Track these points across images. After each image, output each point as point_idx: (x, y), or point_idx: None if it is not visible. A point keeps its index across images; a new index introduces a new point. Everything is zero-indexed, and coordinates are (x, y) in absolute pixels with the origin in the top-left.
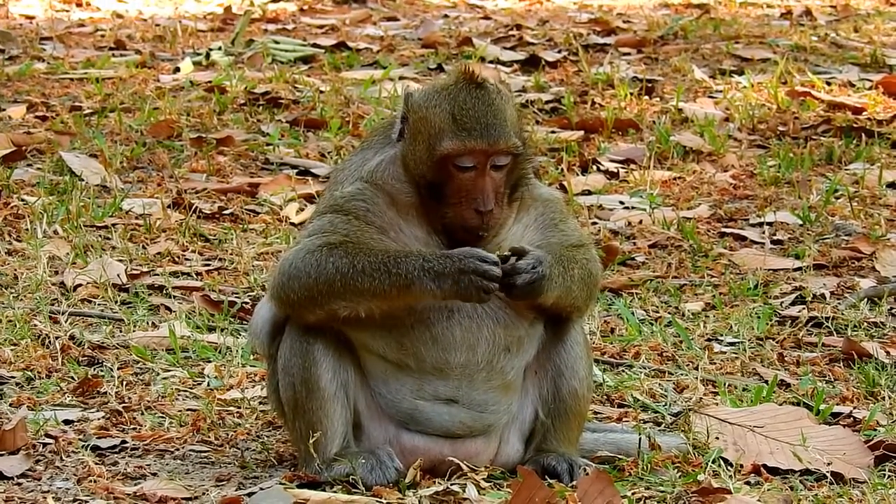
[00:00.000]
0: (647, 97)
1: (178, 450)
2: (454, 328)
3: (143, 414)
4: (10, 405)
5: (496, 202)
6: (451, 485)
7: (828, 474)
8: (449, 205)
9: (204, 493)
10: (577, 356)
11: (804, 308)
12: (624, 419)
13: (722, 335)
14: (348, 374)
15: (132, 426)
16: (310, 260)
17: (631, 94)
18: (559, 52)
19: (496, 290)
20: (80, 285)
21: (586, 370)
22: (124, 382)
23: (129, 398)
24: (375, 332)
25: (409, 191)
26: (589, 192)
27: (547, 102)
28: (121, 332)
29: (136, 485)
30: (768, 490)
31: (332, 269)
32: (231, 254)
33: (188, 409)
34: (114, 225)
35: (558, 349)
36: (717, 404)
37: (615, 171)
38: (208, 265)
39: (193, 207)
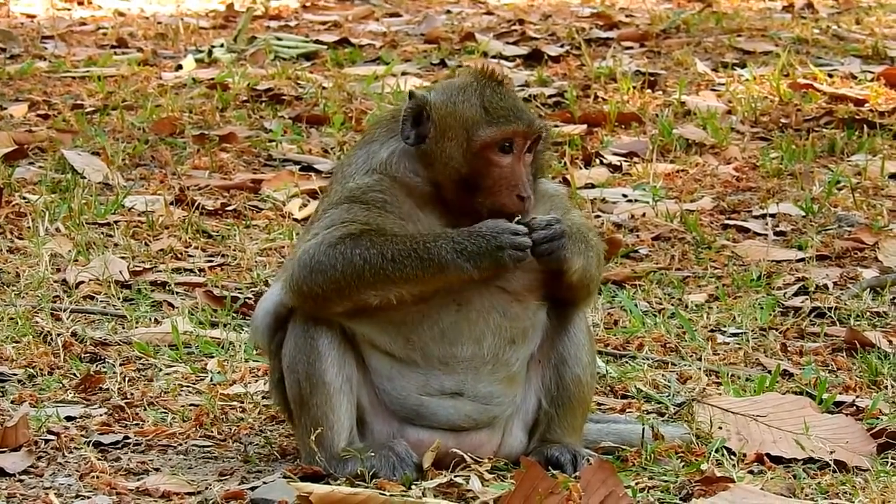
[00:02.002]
0: (649, 91)
1: (181, 445)
2: (461, 322)
3: (145, 410)
4: (13, 402)
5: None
6: (455, 476)
7: (831, 462)
8: (487, 195)
9: (207, 488)
10: (580, 344)
11: (807, 298)
12: (627, 410)
13: (725, 326)
14: (352, 369)
15: (135, 422)
16: (333, 253)
17: (633, 87)
18: (562, 46)
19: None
20: (82, 282)
21: (589, 357)
22: (127, 378)
23: (132, 394)
24: (382, 328)
25: (427, 185)
26: (592, 186)
27: (550, 97)
28: (123, 328)
29: (139, 480)
30: (771, 479)
31: (359, 261)
32: (234, 250)
33: (191, 405)
34: (116, 222)
35: (561, 337)
36: (720, 394)
37: (618, 164)
38: (211, 261)
39: (196, 204)
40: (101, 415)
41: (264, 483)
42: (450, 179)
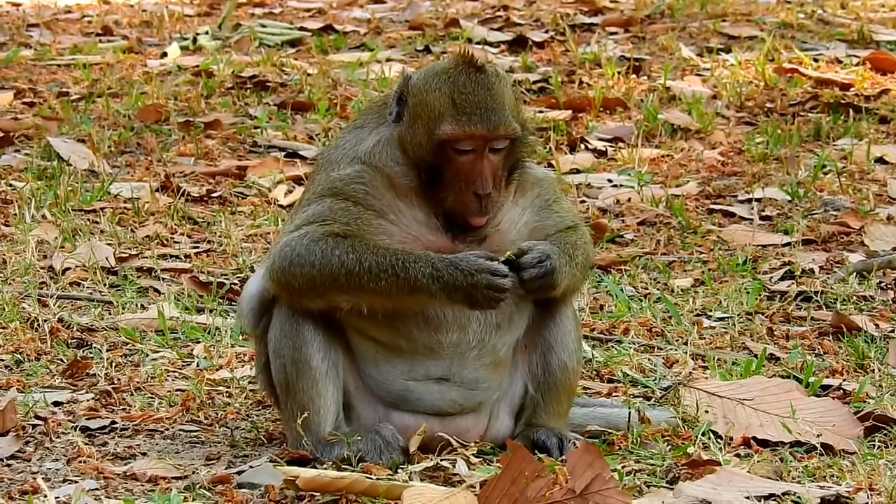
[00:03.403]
0: (634, 76)
1: (167, 430)
2: (446, 309)
3: (132, 395)
4: (0, 388)
5: (494, 185)
6: (442, 460)
7: (818, 445)
8: (448, 188)
9: (194, 472)
10: (567, 330)
11: (793, 283)
12: (614, 394)
13: (711, 310)
14: (338, 354)
15: (122, 407)
16: (314, 249)
17: (618, 72)
18: (546, 32)
19: (506, 299)
20: (68, 269)
21: (576, 343)
22: (113, 364)
23: (119, 379)
24: (367, 314)
25: (407, 173)
26: (577, 171)
27: (535, 82)
28: (110, 314)
29: (126, 465)
30: (758, 462)
31: (336, 264)
32: (220, 236)
33: (177, 390)
34: (102, 209)
35: (548, 324)
36: (706, 378)
37: (603, 149)
38: (197, 247)
39: (182, 191)
40: (88, 400)
41: (251, 467)
42: (419, 166)
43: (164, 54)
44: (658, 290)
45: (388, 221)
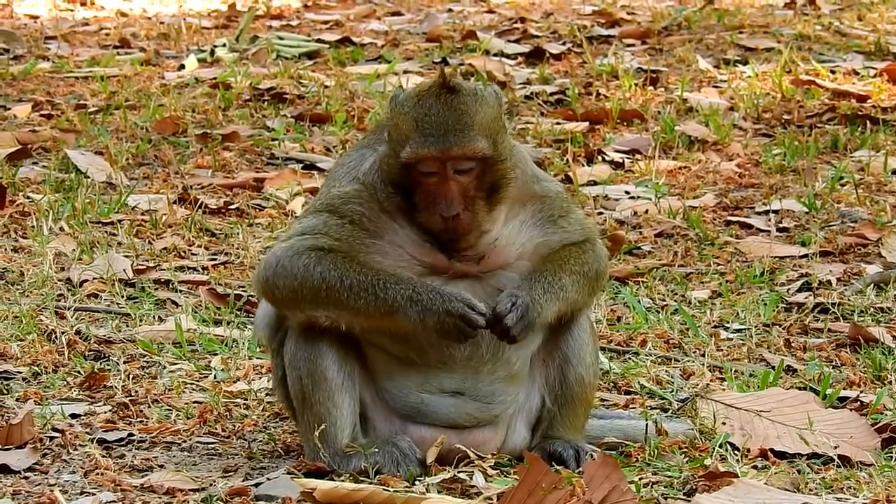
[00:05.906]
0: (651, 88)
1: (185, 442)
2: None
3: (149, 407)
4: (17, 400)
5: (466, 206)
6: (459, 472)
7: (835, 457)
8: (419, 210)
9: (211, 485)
10: (584, 343)
11: (810, 294)
12: (631, 406)
13: (728, 322)
14: (354, 366)
15: (139, 419)
16: (297, 262)
17: (635, 84)
18: (563, 44)
19: (475, 336)
20: (86, 281)
21: (592, 357)
22: (131, 376)
23: (136, 391)
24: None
25: (391, 194)
26: (595, 183)
27: (552, 94)
28: (127, 326)
29: (143, 477)
30: (775, 474)
31: (318, 279)
32: (237, 248)
33: (195, 402)
34: (119, 221)
35: (565, 337)
36: (723, 390)
37: (620, 161)
38: (214, 259)
39: (199, 203)
40: (105, 412)
41: (268, 479)
42: (395, 188)
43: (182, 66)
44: (675, 301)
45: (384, 242)
